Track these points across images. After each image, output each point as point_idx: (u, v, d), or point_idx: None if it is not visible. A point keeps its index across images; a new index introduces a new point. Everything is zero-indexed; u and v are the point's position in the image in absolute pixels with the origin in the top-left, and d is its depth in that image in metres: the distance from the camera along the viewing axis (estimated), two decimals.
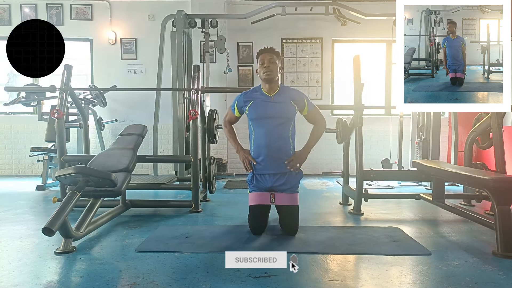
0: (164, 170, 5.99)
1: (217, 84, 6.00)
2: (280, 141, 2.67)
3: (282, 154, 2.68)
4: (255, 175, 2.73)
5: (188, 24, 5.38)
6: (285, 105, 2.69)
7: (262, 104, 2.70)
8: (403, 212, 3.54)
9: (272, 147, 2.66)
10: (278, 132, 2.67)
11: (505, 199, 2.32)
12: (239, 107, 2.81)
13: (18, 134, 6.27)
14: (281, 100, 2.70)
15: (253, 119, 2.72)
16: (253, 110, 2.71)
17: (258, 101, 2.72)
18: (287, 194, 2.68)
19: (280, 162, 2.67)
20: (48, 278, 1.95)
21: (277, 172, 2.68)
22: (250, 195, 2.74)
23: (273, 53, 2.72)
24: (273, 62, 2.67)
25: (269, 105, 2.69)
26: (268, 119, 2.67)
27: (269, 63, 2.67)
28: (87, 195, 2.70)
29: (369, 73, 6.22)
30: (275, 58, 2.70)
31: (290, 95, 2.73)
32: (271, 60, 2.67)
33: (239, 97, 2.81)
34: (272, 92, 2.72)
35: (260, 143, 2.69)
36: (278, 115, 2.67)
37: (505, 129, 3.19)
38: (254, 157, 2.72)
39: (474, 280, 1.90)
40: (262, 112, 2.68)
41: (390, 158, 5.40)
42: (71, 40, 6.13)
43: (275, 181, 2.68)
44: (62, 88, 3.49)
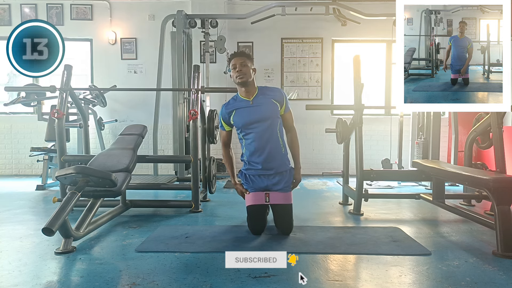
0: (164, 170, 5.99)
1: (217, 84, 6.00)
2: (271, 142, 2.68)
3: (275, 154, 2.69)
4: (250, 176, 2.75)
5: (188, 24, 5.38)
6: (267, 106, 2.69)
7: (244, 111, 2.70)
8: (403, 212, 3.54)
9: (264, 151, 2.67)
10: (267, 135, 2.67)
11: (505, 199, 2.32)
12: (226, 121, 2.80)
13: (18, 134, 6.27)
14: (262, 102, 2.70)
15: (240, 127, 2.73)
16: (237, 119, 2.71)
17: (240, 109, 2.72)
18: (281, 193, 2.69)
19: (274, 162, 2.69)
20: (48, 278, 1.95)
21: (272, 172, 2.70)
22: (246, 197, 2.76)
23: (244, 56, 2.72)
24: (245, 65, 2.67)
25: (251, 110, 2.69)
26: (254, 124, 2.67)
27: (241, 67, 2.67)
28: (87, 195, 2.70)
29: (369, 73, 6.22)
30: (247, 61, 2.69)
31: (270, 95, 2.73)
32: (242, 63, 2.67)
33: (222, 112, 2.81)
34: (250, 96, 2.72)
35: (251, 149, 2.70)
36: (262, 118, 2.67)
37: (505, 129, 3.19)
38: (248, 160, 2.73)
39: (474, 280, 1.90)
40: (246, 119, 2.68)
41: (390, 158, 5.40)
42: (71, 40, 6.12)
43: (269, 181, 2.71)
44: (62, 88, 3.49)
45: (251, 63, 2.73)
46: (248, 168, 2.75)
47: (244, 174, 2.78)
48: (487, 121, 3.23)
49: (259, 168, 2.69)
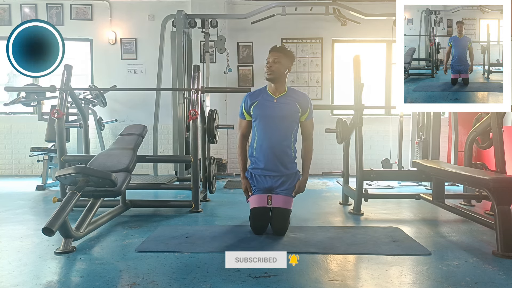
0: (164, 170, 5.98)
1: (217, 84, 6.00)
2: (283, 142, 2.68)
3: (284, 157, 2.70)
4: (256, 175, 2.75)
5: (188, 24, 5.38)
6: (289, 106, 2.68)
7: (265, 105, 2.70)
8: (403, 212, 3.54)
9: (273, 149, 2.67)
10: (281, 134, 2.67)
11: (505, 199, 2.32)
12: (247, 109, 2.77)
13: (18, 134, 6.27)
14: (285, 102, 2.69)
15: (256, 119, 2.72)
16: (257, 110, 2.71)
17: (262, 101, 2.72)
18: (282, 197, 2.69)
19: (281, 164, 2.69)
20: (48, 278, 1.95)
21: (277, 174, 2.70)
22: (250, 198, 2.76)
23: (281, 52, 2.68)
24: (278, 62, 2.65)
25: (272, 105, 2.69)
26: (271, 119, 2.67)
27: (273, 63, 2.65)
28: (87, 195, 2.69)
29: (369, 73, 6.22)
30: (282, 58, 2.66)
31: (296, 98, 2.72)
32: (276, 60, 2.65)
33: (245, 99, 2.79)
34: (278, 93, 2.72)
35: (262, 144, 2.69)
36: (280, 116, 2.66)
37: (505, 129, 3.19)
38: (256, 157, 2.73)
39: (474, 280, 1.90)
40: (265, 112, 2.68)
41: (390, 158, 5.40)
42: (71, 40, 6.12)
43: (274, 182, 2.72)
44: (62, 88, 3.49)
45: (287, 61, 2.68)
46: (254, 167, 2.75)
47: (250, 173, 2.79)
48: (487, 121, 3.23)
49: (263, 168, 2.70)
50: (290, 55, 2.73)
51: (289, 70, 2.72)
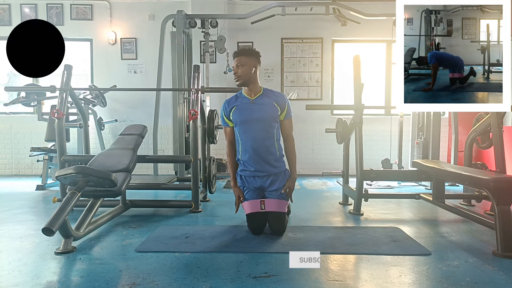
0: (164, 170, 5.99)
1: (217, 84, 6.00)
2: (266, 142, 2.69)
3: (269, 156, 2.70)
4: (245, 177, 2.76)
5: (188, 24, 5.38)
6: (267, 107, 2.69)
7: (244, 108, 2.71)
8: (403, 212, 3.54)
9: (258, 150, 2.68)
10: (263, 134, 2.68)
11: (505, 199, 2.32)
12: (227, 116, 2.78)
13: (18, 134, 6.27)
14: (263, 102, 2.70)
15: (237, 124, 2.73)
16: (236, 115, 2.71)
17: (239, 105, 2.72)
18: (275, 200, 2.68)
19: (267, 164, 2.70)
20: (48, 278, 1.95)
21: (265, 174, 2.71)
22: (243, 205, 2.76)
23: (241, 55, 2.69)
24: (242, 65, 2.65)
25: (250, 107, 2.69)
26: (251, 122, 2.67)
27: (237, 68, 2.65)
28: (87, 195, 2.70)
29: (369, 73, 6.22)
30: (243, 59, 2.65)
31: (273, 98, 2.73)
32: (238, 64, 2.66)
33: (223, 106, 2.80)
34: (253, 94, 2.73)
35: (246, 147, 2.70)
36: (261, 117, 2.67)
37: (505, 129, 3.19)
38: (243, 160, 2.74)
39: (474, 280, 1.90)
40: (244, 116, 2.69)
41: (390, 158, 5.40)
42: (71, 40, 6.14)
43: (263, 182, 2.73)
44: (62, 88, 3.49)
45: (251, 60, 2.67)
46: (242, 169, 2.77)
47: (239, 175, 2.80)
48: (487, 121, 3.23)
49: (252, 169, 2.72)
50: (252, 53, 2.72)
51: (256, 68, 2.70)
